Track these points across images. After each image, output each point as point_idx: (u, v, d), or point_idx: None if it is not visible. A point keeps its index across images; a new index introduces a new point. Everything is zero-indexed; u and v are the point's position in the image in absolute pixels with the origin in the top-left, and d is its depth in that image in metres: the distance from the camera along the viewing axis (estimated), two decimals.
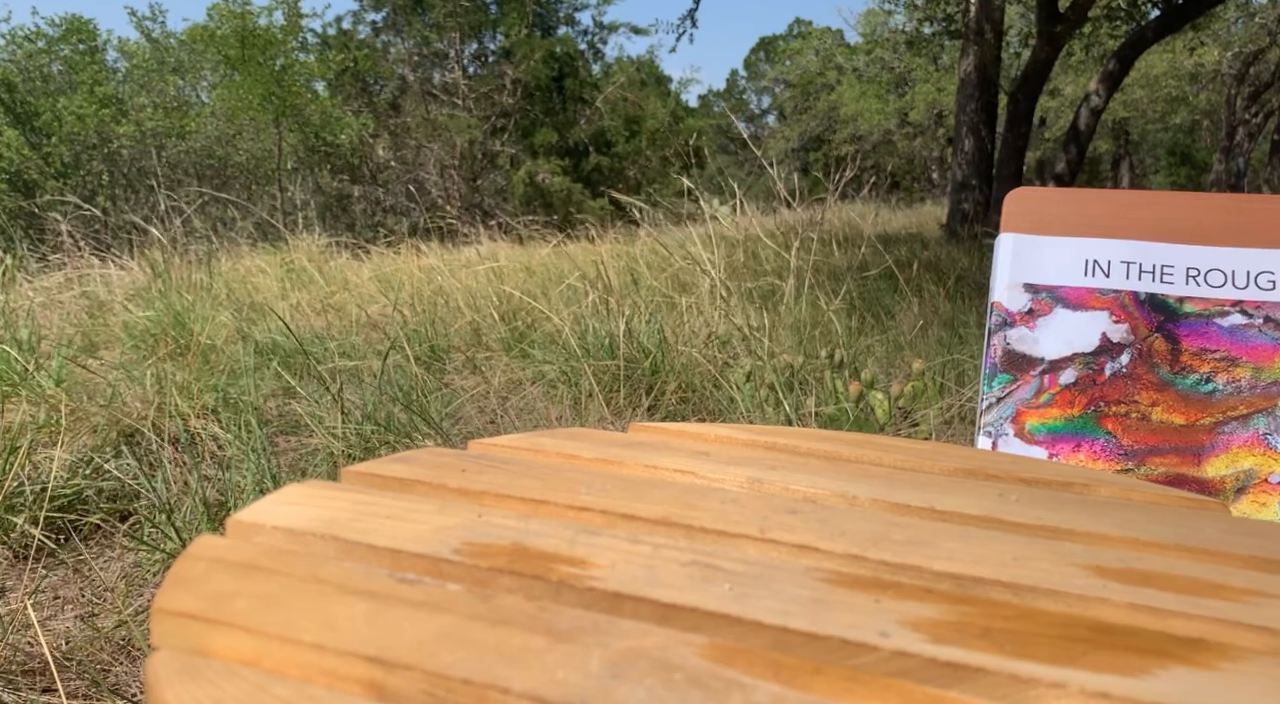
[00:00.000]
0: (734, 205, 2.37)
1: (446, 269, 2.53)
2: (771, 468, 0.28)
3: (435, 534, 0.21)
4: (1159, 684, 0.15)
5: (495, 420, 1.30)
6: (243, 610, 0.17)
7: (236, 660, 0.16)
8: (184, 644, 0.17)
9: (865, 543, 0.21)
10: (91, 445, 1.09)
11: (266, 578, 0.19)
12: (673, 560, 0.20)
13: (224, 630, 0.17)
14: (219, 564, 0.19)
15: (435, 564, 0.20)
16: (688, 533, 0.22)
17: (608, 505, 0.24)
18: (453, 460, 0.28)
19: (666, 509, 0.24)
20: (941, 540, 0.21)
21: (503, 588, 0.19)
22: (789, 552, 0.21)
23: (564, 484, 0.26)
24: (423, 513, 0.23)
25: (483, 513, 0.23)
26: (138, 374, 1.33)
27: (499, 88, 7.86)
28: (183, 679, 0.15)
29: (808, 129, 10.19)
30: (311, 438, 1.14)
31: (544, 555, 0.20)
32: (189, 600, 0.18)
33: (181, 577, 0.19)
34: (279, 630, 0.17)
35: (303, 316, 2.11)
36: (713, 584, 0.19)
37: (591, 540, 0.21)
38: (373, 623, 0.17)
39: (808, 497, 0.26)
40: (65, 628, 0.73)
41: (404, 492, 0.25)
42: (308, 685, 0.15)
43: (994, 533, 0.22)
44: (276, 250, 3.09)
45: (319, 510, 0.22)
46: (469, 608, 0.17)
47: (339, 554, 0.20)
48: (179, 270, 2.39)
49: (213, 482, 1.00)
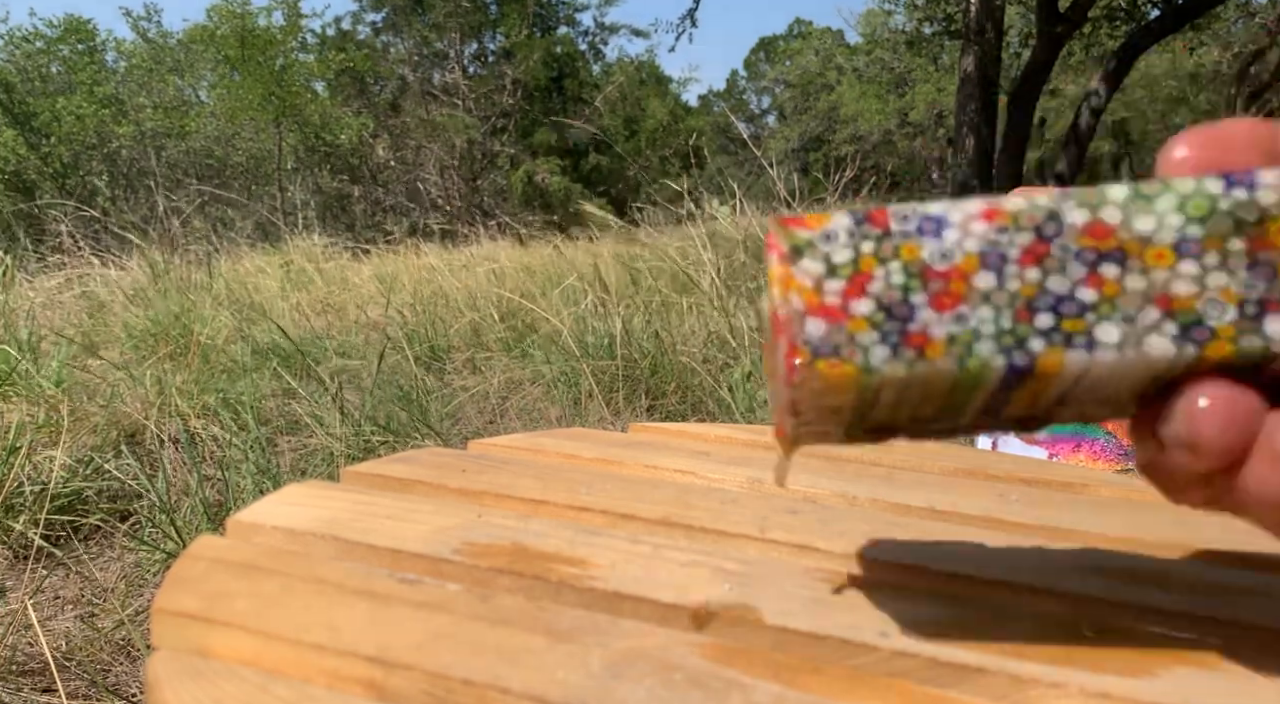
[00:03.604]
0: (734, 205, 2.37)
1: (446, 269, 2.53)
2: (771, 468, 0.28)
3: (435, 534, 0.21)
4: (1159, 684, 0.15)
5: (495, 420, 1.30)
6: (243, 610, 0.17)
7: (237, 660, 0.16)
8: (184, 644, 0.17)
9: (865, 543, 0.21)
10: (91, 446, 1.09)
11: (266, 578, 0.19)
12: (673, 560, 0.20)
13: (224, 630, 0.17)
14: (219, 564, 0.19)
15: (435, 564, 0.20)
16: (687, 533, 0.22)
17: (608, 505, 0.24)
18: (453, 460, 0.28)
19: (666, 509, 0.24)
20: (940, 541, 0.21)
21: (503, 588, 0.19)
22: (789, 551, 0.21)
23: (564, 484, 0.26)
24: (423, 513, 0.23)
25: (483, 513, 0.23)
26: (138, 374, 1.33)
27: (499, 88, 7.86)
28: (183, 679, 0.15)
29: (808, 129, 10.18)
30: (311, 438, 1.14)
31: (544, 555, 0.20)
32: (189, 600, 0.18)
33: (181, 577, 0.19)
34: (279, 630, 0.16)
35: (303, 317, 2.11)
36: (713, 584, 0.19)
37: (591, 540, 0.21)
38: (373, 623, 0.17)
39: (807, 496, 0.26)
40: (65, 628, 0.72)
41: (404, 492, 0.25)
42: (308, 685, 0.15)
43: (994, 533, 0.22)
44: (276, 251, 3.09)
45: (319, 510, 0.22)
46: (469, 608, 0.17)
47: (339, 554, 0.20)
48: (179, 271, 2.39)
49: (213, 482, 1.00)
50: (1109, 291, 0.12)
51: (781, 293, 0.12)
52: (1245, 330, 0.12)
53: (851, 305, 0.12)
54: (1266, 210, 0.12)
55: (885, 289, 0.12)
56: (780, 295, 0.12)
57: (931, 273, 0.12)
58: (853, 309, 0.12)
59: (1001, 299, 0.12)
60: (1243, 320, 0.12)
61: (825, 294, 0.12)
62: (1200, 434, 0.12)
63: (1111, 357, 0.12)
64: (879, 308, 0.12)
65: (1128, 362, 0.12)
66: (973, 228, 0.12)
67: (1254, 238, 0.12)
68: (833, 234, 0.12)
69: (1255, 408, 0.12)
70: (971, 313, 0.12)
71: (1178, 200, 0.12)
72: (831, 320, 0.12)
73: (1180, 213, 0.12)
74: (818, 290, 0.12)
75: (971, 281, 0.12)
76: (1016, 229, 0.12)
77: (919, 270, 0.12)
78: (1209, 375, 0.12)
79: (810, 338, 0.12)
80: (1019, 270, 0.12)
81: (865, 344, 0.12)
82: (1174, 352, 0.12)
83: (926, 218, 0.12)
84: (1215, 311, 0.12)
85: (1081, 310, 0.12)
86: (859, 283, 0.12)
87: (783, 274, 0.12)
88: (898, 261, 0.12)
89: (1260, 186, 0.12)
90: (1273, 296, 0.12)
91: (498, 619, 0.17)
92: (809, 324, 0.12)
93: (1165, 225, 0.12)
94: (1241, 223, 0.12)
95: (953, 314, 0.12)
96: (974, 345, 0.12)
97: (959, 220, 0.12)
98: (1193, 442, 0.12)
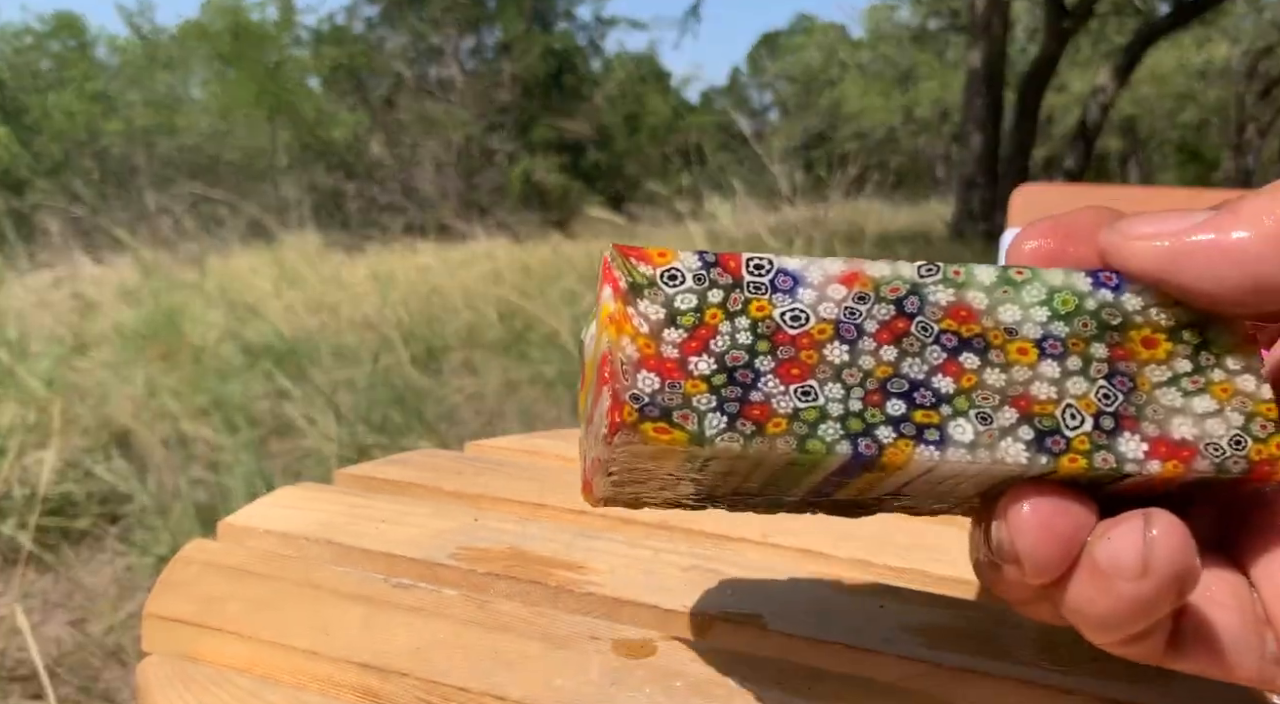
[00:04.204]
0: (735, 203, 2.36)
1: (443, 268, 2.52)
2: None
3: (431, 538, 0.21)
4: (1168, 691, 0.15)
5: (492, 422, 1.29)
6: (235, 615, 0.17)
7: (229, 666, 0.16)
8: (175, 649, 0.16)
9: (869, 547, 0.21)
10: (82, 448, 1.08)
11: (259, 582, 0.18)
12: (673, 565, 0.20)
13: (216, 636, 0.16)
14: (210, 568, 0.19)
15: (431, 568, 0.19)
16: (688, 537, 0.22)
17: (607, 509, 0.23)
18: (449, 462, 0.27)
19: (666, 513, 0.23)
20: (946, 544, 0.21)
21: (500, 593, 0.19)
22: (792, 556, 0.21)
23: (562, 486, 0.25)
24: (418, 516, 0.22)
25: (479, 516, 0.23)
26: (128, 375, 1.32)
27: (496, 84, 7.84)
28: (174, 685, 0.15)
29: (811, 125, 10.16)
30: (305, 440, 1.13)
31: (542, 560, 0.20)
32: (180, 605, 0.17)
33: (173, 581, 0.18)
34: (272, 636, 0.16)
35: (296, 316, 2.09)
36: (714, 590, 0.18)
37: (590, 544, 0.21)
38: (367, 628, 0.17)
39: None
40: (55, 633, 0.72)
41: (399, 494, 0.25)
42: (301, 692, 0.15)
43: None
44: (269, 248, 3.08)
45: (312, 513, 0.22)
46: (465, 613, 0.17)
47: (333, 558, 0.20)
48: (170, 269, 2.37)
49: (204, 484, 0.99)
50: (966, 383, 0.11)
51: (614, 335, 0.11)
52: (1100, 445, 0.11)
53: (691, 362, 0.11)
54: (1130, 317, 0.11)
55: (730, 348, 0.11)
56: (613, 338, 0.11)
57: (782, 336, 0.11)
58: (692, 367, 0.11)
59: (854, 377, 0.11)
60: (1099, 433, 0.11)
61: (663, 344, 0.11)
62: (1019, 545, 0.11)
63: (963, 457, 0.11)
64: (720, 369, 0.11)
65: (979, 464, 0.11)
66: (830, 291, 0.11)
67: (1116, 345, 0.11)
68: (678, 274, 0.11)
69: (1081, 522, 0.11)
70: (820, 388, 0.11)
71: (1045, 292, 0.11)
72: (666, 376, 0.11)
73: (1046, 307, 0.11)
74: (654, 338, 0.11)
75: (823, 352, 0.11)
76: (877, 299, 0.11)
77: (769, 332, 0.11)
78: (1039, 483, 0.11)
79: (640, 394, 0.11)
80: (875, 346, 0.11)
81: (701, 410, 0.11)
82: (1027, 459, 0.11)
83: (783, 272, 0.11)
84: (1073, 421, 0.11)
85: (937, 401, 0.11)
86: (702, 337, 0.11)
87: (618, 313, 0.11)
88: (746, 318, 0.11)
89: (1126, 290, 0.12)
90: (1128, 412, 0.11)
91: (494, 625, 0.17)
92: (640, 378, 0.11)
93: (1030, 319, 0.11)
94: (1105, 326, 0.11)
95: (800, 387, 0.11)
96: (819, 426, 0.11)
97: (817, 281, 0.11)
98: (1013, 552, 0.11)
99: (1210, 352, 0.11)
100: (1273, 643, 0.11)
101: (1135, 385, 0.11)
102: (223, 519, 0.22)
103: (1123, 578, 0.10)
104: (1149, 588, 0.10)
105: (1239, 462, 0.11)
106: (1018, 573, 0.11)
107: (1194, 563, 0.10)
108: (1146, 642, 0.11)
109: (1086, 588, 0.11)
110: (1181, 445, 0.11)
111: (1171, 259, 0.11)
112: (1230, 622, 0.11)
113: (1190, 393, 0.11)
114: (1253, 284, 0.11)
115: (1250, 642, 0.11)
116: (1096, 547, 0.11)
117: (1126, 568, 0.10)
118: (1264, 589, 0.12)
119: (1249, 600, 0.12)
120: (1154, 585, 0.10)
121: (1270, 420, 0.11)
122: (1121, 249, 0.11)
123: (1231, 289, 0.11)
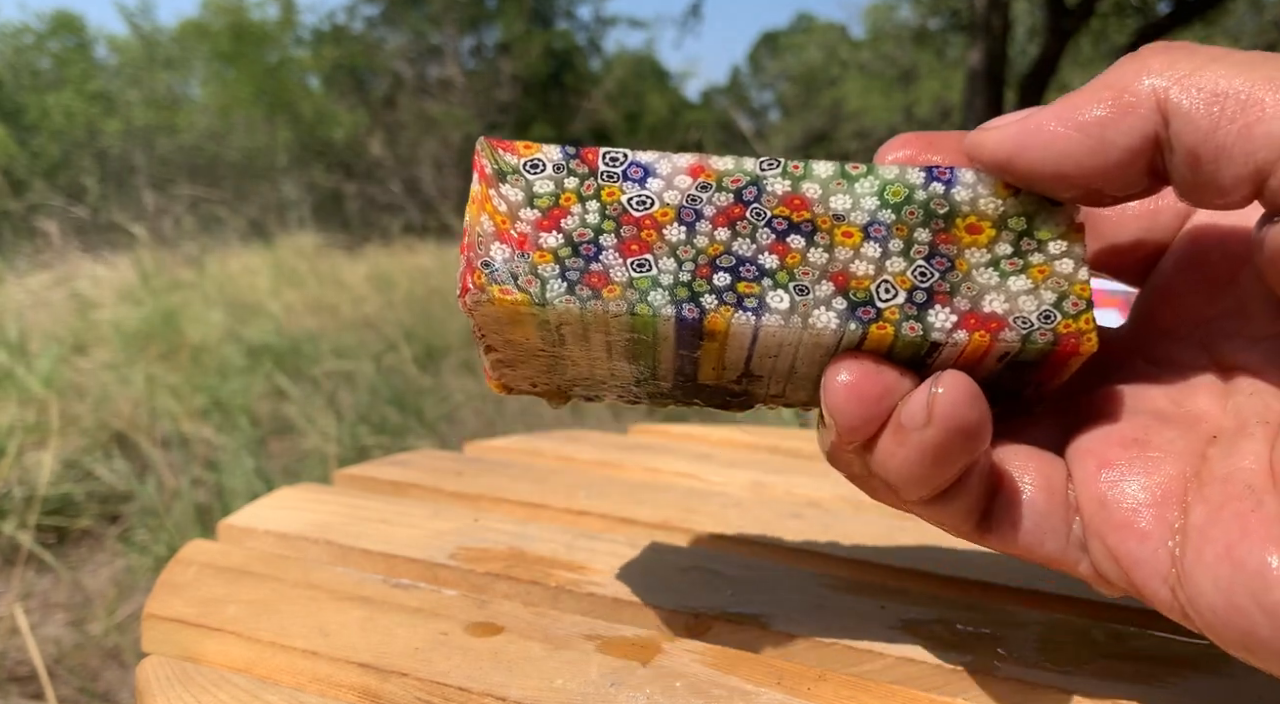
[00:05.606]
0: None
1: (443, 268, 2.52)
2: (774, 471, 0.28)
3: (430, 538, 0.21)
4: (1171, 692, 0.15)
5: (492, 422, 1.29)
6: (234, 616, 0.17)
7: (228, 667, 0.16)
8: (175, 650, 0.16)
9: (869, 547, 0.21)
10: (81, 448, 1.08)
11: (258, 583, 0.18)
12: (673, 565, 0.20)
13: (215, 636, 0.16)
14: (210, 569, 0.19)
15: (430, 569, 0.19)
16: (688, 537, 0.22)
17: (607, 509, 0.23)
18: (448, 463, 0.27)
19: (667, 513, 0.23)
20: (947, 545, 0.21)
21: (499, 594, 0.19)
22: (792, 556, 0.21)
23: (562, 487, 0.25)
24: (418, 517, 0.22)
25: (479, 517, 0.22)
26: (128, 375, 1.32)
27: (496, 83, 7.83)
28: (174, 686, 0.15)
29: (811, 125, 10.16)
30: (304, 440, 1.13)
31: (542, 560, 0.20)
32: (180, 606, 0.17)
33: (172, 582, 0.18)
34: (271, 636, 0.16)
35: (295, 316, 2.09)
36: (714, 590, 0.18)
37: (590, 545, 0.21)
38: (367, 629, 0.16)
39: (811, 500, 0.25)
40: (55, 634, 0.72)
41: (399, 495, 0.25)
42: (300, 693, 0.15)
43: None
44: (269, 248, 3.08)
45: (312, 514, 0.22)
46: (465, 614, 0.17)
47: (332, 559, 0.20)
48: (169, 269, 2.37)
49: (204, 485, 0.99)
50: (790, 261, 0.12)
51: (475, 214, 0.12)
52: (909, 316, 0.12)
53: (541, 237, 0.12)
54: (958, 206, 0.12)
55: (578, 226, 0.12)
56: (474, 216, 0.12)
57: (627, 218, 0.12)
58: (541, 241, 0.12)
59: (687, 254, 0.12)
60: (909, 305, 0.12)
61: (518, 222, 0.12)
62: (835, 407, 0.12)
63: (777, 322, 0.12)
64: (567, 244, 0.12)
65: (793, 330, 0.12)
66: (677, 181, 0.12)
67: (940, 231, 0.12)
68: (539, 164, 0.12)
69: (890, 387, 0.12)
70: (655, 262, 0.12)
71: (879, 185, 0.12)
72: (517, 248, 0.12)
73: (877, 196, 0.12)
74: (511, 217, 0.12)
75: (662, 232, 0.12)
76: (718, 189, 0.12)
77: (616, 214, 0.12)
78: (857, 353, 0.12)
79: (491, 262, 0.12)
80: (710, 229, 0.12)
81: (544, 276, 0.12)
82: (837, 325, 0.12)
83: (635, 164, 0.12)
84: (886, 294, 0.12)
85: (759, 275, 0.12)
86: (555, 217, 0.12)
87: (481, 195, 0.12)
88: (597, 201, 0.12)
89: (958, 184, 0.12)
90: (942, 288, 0.12)
91: (494, 625, 0.17)
92: (494, 248, 0.12)
93: (860, 207, 0.12)
94: (932, 214, 0.12)
95: (636, 260, 0.12)
96: (649, 293, 0.12)
97: (666, 172, 0.12)
98: (831, 415, 0.12)
99: (1034, 238, 0.12)
100: (1079, 527, 0.12)
101: (953, 266, 0.12)
102: (222, 520, 0.22)
103: (912, 427, 0.11)
104: (934, 436, 0.11)
105: (1046, 334, 0.12)
106: (835, 437, 0.12)
107: (976, 416, 0.11)
108: (954, 505, 0.12)
109: (888, 441, 0.12)
110: (990, 318, 0.12)
111: (1016, 144, 0.12)
112: (1038, 502, 0.12)
113: (1008, 273, 0.12)
114: (1054, 168, 0.11)
115: (1055, 524, 0.12)
116: (899, 407, 0.12)
117: (913, 417, 0.11)
118: (1075, 473, 0.12)
119: (1062, 486, 0.12)
120: (938, 434, 0.11)
121: (1083, 299, 0.12)
122: (977, 142, 0.12)
123: (1052, 171, 0.11)
